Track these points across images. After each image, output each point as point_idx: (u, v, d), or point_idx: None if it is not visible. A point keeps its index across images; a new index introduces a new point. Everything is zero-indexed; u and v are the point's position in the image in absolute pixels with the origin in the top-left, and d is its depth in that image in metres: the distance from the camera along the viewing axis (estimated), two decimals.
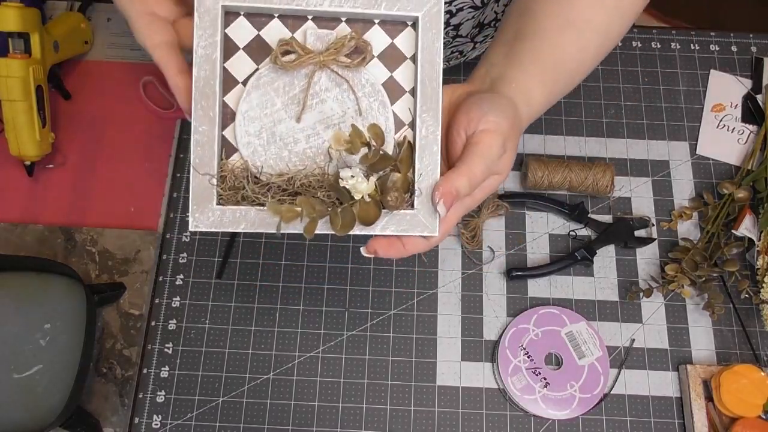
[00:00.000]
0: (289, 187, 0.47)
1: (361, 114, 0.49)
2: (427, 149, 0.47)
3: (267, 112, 0.48)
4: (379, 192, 0.47)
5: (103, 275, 0.74)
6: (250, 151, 0.48)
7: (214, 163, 0.46)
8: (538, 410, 0.70)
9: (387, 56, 0.49)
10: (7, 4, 0.71)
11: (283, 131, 0.48)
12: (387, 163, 0.47)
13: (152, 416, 0.70)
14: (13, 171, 0.78)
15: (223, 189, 0.47)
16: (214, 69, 0.46)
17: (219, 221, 0.46)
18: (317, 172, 0.48)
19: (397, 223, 0.47)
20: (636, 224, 0.77)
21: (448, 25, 0.68)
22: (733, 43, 0.87)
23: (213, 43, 0.46)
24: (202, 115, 0.46)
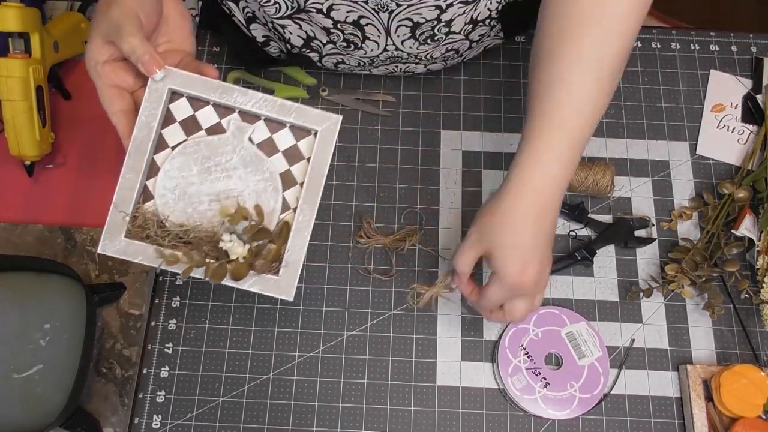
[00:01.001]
0: (185, 237, 0.58)
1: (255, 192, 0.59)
2: (300, 232, 0.58)
3: (184, 175, 0.58)
4: (253, 257, 0.57)
5: (103, 275, 0.74)
6: (163, 202, 0.58)
7: (131, 204, 0.57)
8: (538, 410, 0.70)
9: (290, 153, 0.59)
10: (7, 4, 0.71)
11: (193, 192, 0.59)
12: (264, 236, 0.57)
13: (152, 416, 0.70)
14: (13, 171, 0.78)
15: (132, 226, 0.58)
16: (150, 133, 0.57)
17: (123, 250, 0.57)
18: (210, 231, 0.58)
19: (261, 283, 0.57)
20: (636, 224, 0.77)
21: (440, 21, 0.68)
22: (733, 43, 0.87)
23: (154, 114, 0.57)
24: (132, 166, 0.57)
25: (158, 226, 0.58)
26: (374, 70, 0.81)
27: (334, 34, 0.70)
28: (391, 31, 0.69)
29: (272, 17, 0.70)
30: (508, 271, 0.56)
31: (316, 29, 0.70)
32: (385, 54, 0.74)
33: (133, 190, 0.57)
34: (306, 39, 0.73)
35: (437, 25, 0.68)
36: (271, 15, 0.69)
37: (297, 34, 0.72)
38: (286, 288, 0.57)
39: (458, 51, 0.77)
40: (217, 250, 0.57)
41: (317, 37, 0.72)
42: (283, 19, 0.70)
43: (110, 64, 0.57)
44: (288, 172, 0.59)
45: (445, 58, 0.78)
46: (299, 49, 0.75)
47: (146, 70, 0.54)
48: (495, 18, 0.73)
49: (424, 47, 0.73)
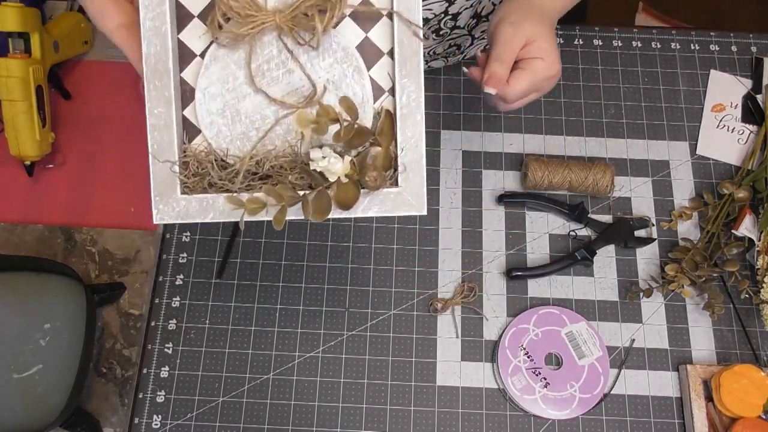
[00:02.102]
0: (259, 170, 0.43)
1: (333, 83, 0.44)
2: (409, 119, 0.43)
3: (229, 87, 0.43)
4: (358, 171, 0.42)
5: (103, 275, 0.74)
6: (214, 132, 0.44)
7: (174, 148, 0.42)
8: (538, 410, 0.70)
9: (360, 14, 0.43)
10: (7, 4, 0.71)
11: (249, 108, 0.43)
12: (364, 138, 0.43)
13: (152, 416, 0.70)
14: (13, 171, 0.78)
15: (186, 176, 0.43)
16: (166, 43, 0.41)
17: (185, 212, 0.43)
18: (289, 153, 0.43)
19: (380, 203, 0.43)
20: (636, 224, 0.77)
21: (447, 14, 0.68)
22: (733, 43, 0.87)
23: (162, 13, 0.41)
24: (157, 96, 0.42)
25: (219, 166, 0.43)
26: None
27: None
28: None
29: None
30: (550, 59, 0.57)
31: None
32: None
33: (170, 128, 0.42)
34: None
35: (444, 19, 0.68)
36: None
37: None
38: (415, 200, 0.43)
39: (460, 47, 0.77)
40: (309, 175, 0.42)
41: None
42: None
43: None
44: (367, 42, 0.44)
45: (447, 54, 0.78)
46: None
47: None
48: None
49: (428, 43, 0.73)
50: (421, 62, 0.43)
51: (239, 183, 0.43)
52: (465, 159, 0.81)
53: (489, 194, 0.79)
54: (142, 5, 0.41)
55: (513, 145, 0.81)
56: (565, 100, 0.84)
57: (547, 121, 0.83)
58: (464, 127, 0.82)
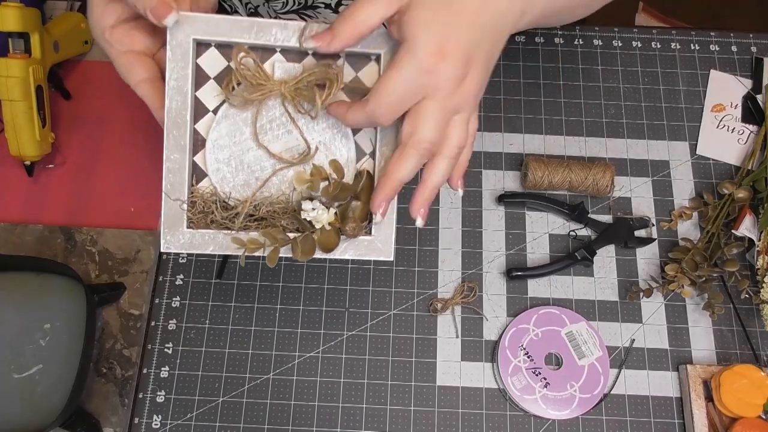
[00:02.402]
0: (256, 213, 0.50)
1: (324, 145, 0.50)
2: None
3: (236, 141, 0.50)
4: (340, 220, 0.49)
5: (103, 275, 0.74)
6: (220, 178, 0.50)
7: (184, 189, 0.49)
8: (538, 410, 0.70)
9: (351, 89, 0.50)
10: (7, 4, 0.71)
11: (251, 159, 0.50)
12: (348, 193, 0.50)
13: (152, 416, 0.70)
14: (13, 171, 0.78)
15: (192, 213, 0.50)
16: (186, 100, 0.48)
17: (189, 243, 0.49)
18: (282, 200, 0.50)
19: (355, 248, 0.51)
20: (636, 224, 0.77)
21: None
22: (733, 43, 0.87)
23: (184, 75, 0.48)
24: (174, 144, 0.49)
25: (222, 207, 0.50)
26: None
27: None
28: None
29: (278, 12, 0.69)
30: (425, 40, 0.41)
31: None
32: None
33: (183, 172, 0.49)
34: None
35: None
36: (277, 10, 0.69)
37: None
38: (384, 247, 0.50)
39: None
40: (297, 220, 0.49)
41: None
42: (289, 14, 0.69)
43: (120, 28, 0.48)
44: None
45: None
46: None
47: (155, 17, 0.45)
48: None
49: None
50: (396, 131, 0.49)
51: (239, 223, 0.49)
52: None
53: (489, 194, 0.79)
54: (168, 67, 0.48)
55: (513, 145, 0.81)
56: (565, 100, 0.84)
57: (547, 121, 0.83)
58: None
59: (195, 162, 0.51)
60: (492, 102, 0.83)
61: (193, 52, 0.48)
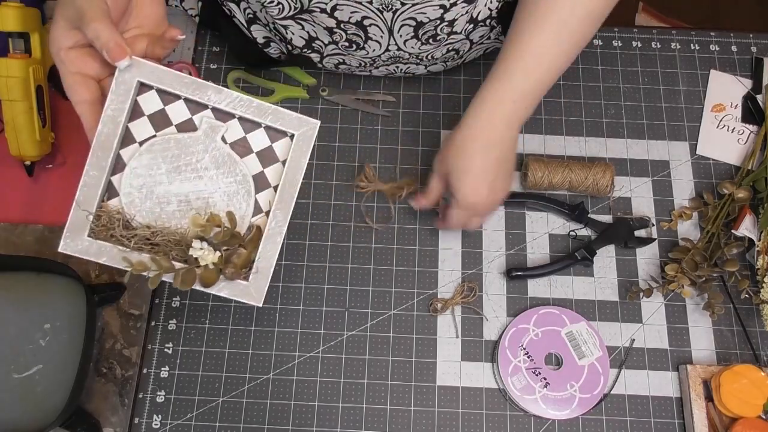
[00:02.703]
0: (152, 238, 0.56)
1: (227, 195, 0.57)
2: (271, 239, 0.56)
3: (152, 173, 0.56)
4: (223, 263, 0.55)
5: (103, 275, 0.74)
6: (129, 201, 0.56)
7: (94, 203, 0.55)
8: (538, 410, 0.70)
9: (264, 155, 0.57)
10: (7, 4, 0.71)
11: (161, 192, 0.56)
12: (236, 241, 0.56)
13: (152, 416, 0.70)
14: (13, 171, 0.78)
15: (96, 225, 0.55)
16: (116, 129, 0.54)
17: (85, 250, 0.54)
18: (178, 233, 0.56)
19: (230, 288, 0.56)
20: (636, 224, 0.77)
21: (443, 21, 0.68)
22: (733, 43, 0.87)
23: (121, 109, 0.54)
24: (96, 163, 0.54)
25: (124, 226, 0.56)
26: (375, 71, 0.81)
27: (336, 34, 0.70)
28: (394, 31, 0.69)
29: (275, 17, 0.70)
30: (461, 192, 0.65)
31: (319, 29, 0.70)
32: (386, 54, 0.74)
33: (97, 188, 0.54)
34: (308, 39, 0.73)
35: (440, 25, 0.68)
36: (274, 15, 0.69)
37: (299, 34, 0.72)
38: (256, 294, 0.56)
39: (459, 52, 0.77)
40: (186, 254, 0.55)
41: (319, 37, 0.72)
42: (286, 20, 0.70)
43: (75, 50, 0.52)
44: (261, 175, 0.57)
45: (446, 59, 0.78)
46: (300, 49, 0.75)
47: (111, 59, 0.50)
48: (495, 18, 0.73)
49: (426, 47, 0.73)
50: (293, 200, 0.57)
51: (134, 243, 0.55)
52: None
53: None
54: (109, 98, 0.53)
55: None
56: (565, 100, 0.84)
57: (547, 121, 0.83)
58: None
59: (111, 181, 0.56)
60: None
61: (135, 90, 0.54)
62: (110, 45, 0.50)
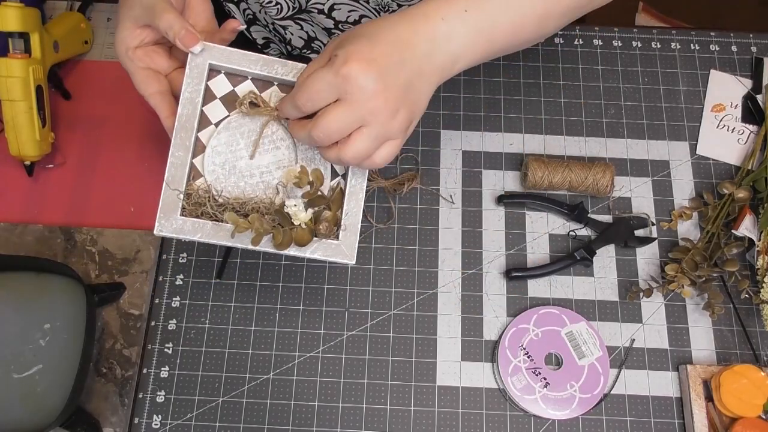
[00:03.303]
0: (242, 210, 0.58)
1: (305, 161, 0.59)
2: (353, 196, 0.58)
3: (232, 149, 0.58)
4: (313, 222, 0.57)
5: (103, 275, 0.74)
6: (214, 178, 0.58)
7: (183, 182, 0.57)
8: (538, 410, 0.70)
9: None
10: (7, 4, 0.71)
11: (243, 166, 0.59)
12: (322, 202, 0.58)
13: (152, 416, 0.70)
14: (13, 171, 0.78)
15: (187, 203, 0.57)
16: (195, 110, 0.57)
17: (180, 228, 0.56)
18: (266, 201, 0.58)
19: (323, 249, 0.58)
20: (635, 223, 0.77)
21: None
22: (733, 43, 0.87)
23: (197, 90, 0.57)
24: (180, 144, 0.57)
25: (213, 201, 0.58)
26: None
27: (335, 35, 0.70)
28: None
29: (274, 18, 0.70)
30: (343, 50, 0.47)
31: (318, 30, 0.70)
32: None
33: (184, 168, 0.57)
34: (307, 40, 0.73)
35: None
36: (273, 16, 0.70)
37: (298, 35, 0.72)
38: (348, 251, 0.58)
39: None
40: (280, 215, 0.56)
41: (318, 37, 0.72)
42: (285, 20, 0.70)
43: (142, 49, 0.57)
44: None
45: None
46: (300, 50, 0.75)
47: (185, 45, 0.54)
48: None
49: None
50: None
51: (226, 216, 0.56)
52: (465, 159, 0.81)
53: (489, 194, 0.79)
54: (185, 82, 0.56)
55: (513, 145, 0.81)
56: (565, 100, 0.84)
57: (547, 121, 0.83)
58: (464, 127, 0.82)
59: (194, 164, 0.58)
60: (492, 102, 0.83)
61: (206, 74, 0.57)
62: (182, 33, 0.53)
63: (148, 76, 0.57)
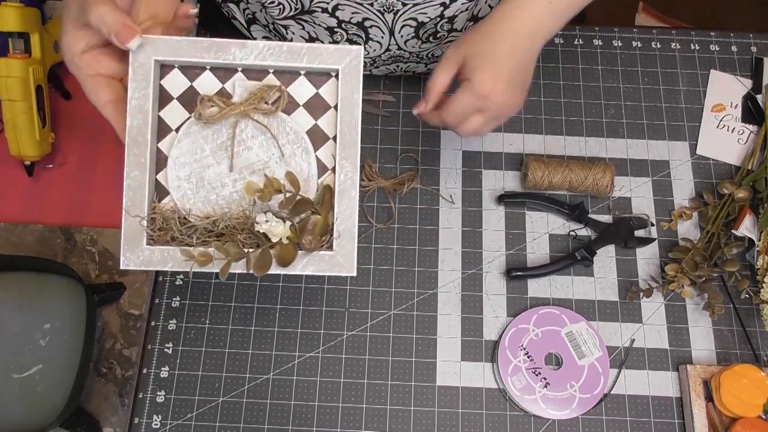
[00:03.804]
0: (215, 229, 0.50)
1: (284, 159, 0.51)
2: (345, 194, 0.50)
3: (197, 158, 0.51)
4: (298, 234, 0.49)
5: (103, 275, 0.74)
6: (180, 195, 0.51)
7: (144, 205, 0.49)
8: (538, 410, 0.70)
9: (312, 105, 0.51)
10: (7, 4, 0.71)
11: (212, 176, 0.51)
12: (306, 207, 0.50)
13: (152, 416, 0.70)
14: (13, 171, 0.78)
15: (152, 230, 0.50)
16: (146, 118, 0.49)
17: (148, 260, 0.49)
18: (242, 216, 0.51)
19: (316, 263, 0.50)
20: (635, 223, 0.77)
21: (443, 18, 0.68)
22: (733, 43, 0.87)
23: (146, 95, 0.49)
24: (135, 162, 0.49)
25: (181, 223, 0.50)
26: (375, 70, 0.81)
27: (337, 34, 0.70)
28: (395, 31, 0.69)
29: (275, 18, 0.70)
30: (479, 77, 0.57)
31: (319, 30, 0.70)
32: (387, 54, 0.74)
33: (143, 189, 0.50)
34: (308, 40, 0.73)
35: (440, 22, 0.69)
36: (275, 16, 0.69)
37: (299, 34, 0.72)
38: (346, 262, 0.50)
39: None
40: (254, 235, 0.49)
41: (319, 37, 0.72)
42: (286, 20, 0.70)
43: (89, 53, 0.50)
44: (315, 128, 0.51)
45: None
46: None
47: (120, 41, 0.47)
48: None
49: (427, 46, 0.73)
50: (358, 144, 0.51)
51: (196, 239, 0.50)
52: (465, 159, 0.81)
53: (489, 194, 0.79)
54: (130, 87, 0.49)
55: (513, 145, 0.81)
56: (565, 100, 0.84)
57: (547, 121, 0.83)
58: None
59: (158, 180, 0.52)
60: None
61: (155, 72, 0.50)
62: (117, 27, 0.47)
63: (99, 84, 0.50)
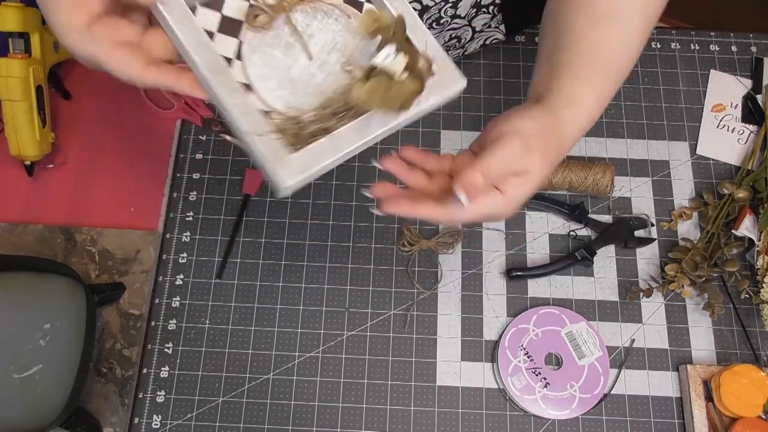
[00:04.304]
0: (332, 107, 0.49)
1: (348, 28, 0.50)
2: (411, 18, 0.49)
3: (275, 66, 0.49)
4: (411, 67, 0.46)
5: (103, 275, 0.74)
6: (283, 102, 0.49)
7: (265, 121, 0.47)
8: (538, 410, 0.70)
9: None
10: (7, 4, 0.71)
11: (297, 74, 0.49)
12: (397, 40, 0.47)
13: (152, 416, 0.70)
14: (13, 171, 0.78)
15: (286, 138, 0.47)
16: (210, 48, 0.47)
17: (304, 167, 0.46)
18: (342, 95, 0.49)
19: (433, 90, 0.48)
20: (635, 223, 0.77)
21: (447, 2, 0.68)
22: (733, 43, 0.87)
23: (196, 29, 0.47)
24: (227, 92, 0.46)
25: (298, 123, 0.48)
26: None
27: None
28: None
29: None
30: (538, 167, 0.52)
31: None
32: None
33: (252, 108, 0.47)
34: None
35: (444, 7, 0.68)
36: None
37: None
38: (453, 76, 0.49)
39: (460, 39, 0.77)
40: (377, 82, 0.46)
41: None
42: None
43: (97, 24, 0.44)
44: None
45: (447, 47, 0.78)
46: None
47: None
48: (498, 5, 0.73)
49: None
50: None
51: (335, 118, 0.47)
52: None
53: None
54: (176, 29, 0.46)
55: None
56: None
57: None
58: (464, 127, 0.82)
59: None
60: (492, 102, 0.83)
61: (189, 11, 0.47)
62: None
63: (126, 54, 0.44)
